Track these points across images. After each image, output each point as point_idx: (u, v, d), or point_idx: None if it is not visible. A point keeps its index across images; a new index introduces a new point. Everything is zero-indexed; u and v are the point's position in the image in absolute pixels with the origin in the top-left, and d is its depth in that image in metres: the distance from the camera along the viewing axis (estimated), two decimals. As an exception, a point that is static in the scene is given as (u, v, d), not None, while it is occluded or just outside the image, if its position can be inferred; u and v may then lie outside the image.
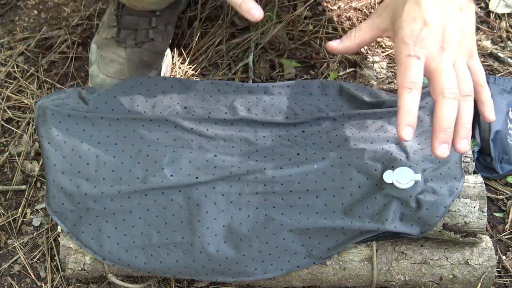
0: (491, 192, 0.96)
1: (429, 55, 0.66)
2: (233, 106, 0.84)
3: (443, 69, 0.65)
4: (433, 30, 0.66)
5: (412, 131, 0.65)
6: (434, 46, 0.66)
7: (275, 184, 0.77)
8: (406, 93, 0.65)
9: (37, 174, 0.99)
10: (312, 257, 0.77)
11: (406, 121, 0.64)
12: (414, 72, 0.65)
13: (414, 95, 0.65)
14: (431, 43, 0.66)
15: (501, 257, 0.90)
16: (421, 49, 0.66)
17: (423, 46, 0.66)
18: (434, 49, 0.66)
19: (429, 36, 0.66)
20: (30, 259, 0.91)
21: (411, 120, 0.64)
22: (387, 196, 0.75)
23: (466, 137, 0.66)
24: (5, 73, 1.11)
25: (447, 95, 0.64)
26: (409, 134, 0.64)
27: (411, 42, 0.66)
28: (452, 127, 0.65)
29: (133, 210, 0.78)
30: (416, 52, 0.66)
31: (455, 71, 0.66)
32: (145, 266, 0.78)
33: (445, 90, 0.65)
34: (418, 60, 0.66)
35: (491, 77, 1.00)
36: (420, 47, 0.66)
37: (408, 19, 0.67)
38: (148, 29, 1.02)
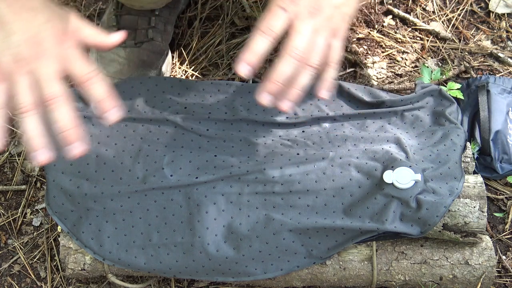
0: (491, 192, 0.96)
1: (297, 14, 0.67)
2: (233, 106, 0.84)
3: (300, 31, 0.66)
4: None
5: (251, 70, 0.65)
6: (304, 9, 0.67)
7: (275, 184, 0.77)
8: (259, 35, 0.66)
9: (37, 174, 0.99)
10: (312, 257, 0.77)
11: (246, 58, 0.65)
12: (275, 21, 0.66)
13: (265, 40, 0.66)
14: (302, 4, 0.67)
15: (501, 257, 0.90)
16: (292, 5, 0.67)
17: (295, 3, 0.67)
18: (304, 11, 0.67)
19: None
20: (30, 259, 0.91)
21: (252, 60, 0.65)
22: (387, 196, 0.75)
23: (292, 99, 0.67)
24: (5, 73, 1.11)
25: (292, 55, 0.65)
26: (246, 71, 0.65)
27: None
28: (283, 83, 0.66)
29: (133, 210, 0.78)
30: (286, 6, 0.67)
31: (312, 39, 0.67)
32: (145, 266, 0.78)
33: (293, 50, 0.66)
34: (285, 13, 0.67)
35: (491, 77, 1.00)
36: (292, 3, 0.67)
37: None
38: (147, 28, 1.02)
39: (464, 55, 1.11)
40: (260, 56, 0.66)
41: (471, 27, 1.15)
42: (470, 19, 1.16)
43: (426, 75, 1.00)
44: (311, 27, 0.67)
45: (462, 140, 0.82)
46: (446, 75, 1.06)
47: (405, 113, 0.85)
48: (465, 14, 1.16)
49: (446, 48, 1.12)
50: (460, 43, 1.13)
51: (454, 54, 1.11)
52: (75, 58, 0.63)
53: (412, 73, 1.08)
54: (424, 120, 0.85)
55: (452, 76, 1.07)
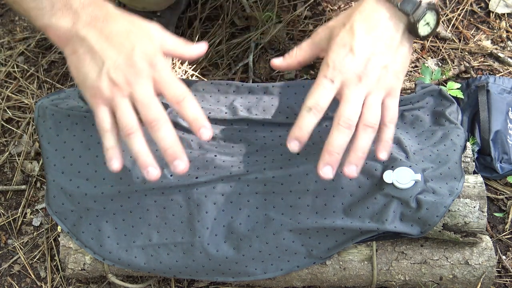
0: (491, 192, 0.96)
1: (344, 82, 0.68)
2: (233, 106, 0.84)
3: (349, 99, 0.67)
4: (357, 60, 0.68)
5: (300, 145, 0.68)
6: (352, 75, 0.68)
7: (275, 184, 0.77)
8: (305, 111, 0.68)
9: (37, 174, 0.99)
10: (312, 257, 0.77)
11: (295, 134, 0.68)
12: (321, 95, 0.68)
13: (312, 116, 0.68)
14: (350, 71, 0.68)
15: (501, 257, 0.90)
16: (339, 74, 0.68)
17: (341, 72, 0.68)
18: (352, 78, 0.68)
19: (350, 64, 0.68)
20: (30, 259, 0.91)
21: (301, 136, 0.68)
22: (387, 196, 0.75)
23: (355, 163, 0.68)
24: (5, 73, 1.11)
25: (341, 123, 0.67)
26: (296, 147, 0.68)
27: (331, 65, 0.68)
28: (339, 152, 0.67)
29: (133, 210, 0.78)
30: (332, 76, 0.68)
31: (365, 103, 0.68)
32: (145, 266, 0.78)
33: (341, 118, 0.67)
34: (331, 84, 0.68)
35: (491, 77, 1.00)
36: (339, 72, 0.68)
37: (339, 43, 0.69)
38: (148, 29, 1.02)
39: (464, 55, 1.11)
40: (309, 132, 0.68)
41: (471, 27, 1.15)
42: (470, 19, 1.16)
43: (426, 75, 1.00)
44: (362, 92, 0.68)
45: (462, 140, 0.82)
46: (446, 75, 1.06)
47: (405, 113, 0.85)
48: (465, 14, 1.16)
49: (446, 48, 1.12)
50: (460, 43, 1.13)
51: (454, 54, 1.11)
52: (168, 79, 0.66)
53: (412, 73, 1.09)
54: (424, 120, 0.85)
55: (452, 76, 1.07)
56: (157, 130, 0.65)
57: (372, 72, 0.68)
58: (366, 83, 0.68)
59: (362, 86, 0.68)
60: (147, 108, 0.65)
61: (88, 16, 0.65)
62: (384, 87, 0.69)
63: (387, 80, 0.69)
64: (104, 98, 0.65)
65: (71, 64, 0.67)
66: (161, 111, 0.65)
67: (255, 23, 1.12)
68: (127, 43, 0.65)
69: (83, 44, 0.65)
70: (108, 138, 0.66)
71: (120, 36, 0.66)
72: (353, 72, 0.68)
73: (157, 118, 0.65)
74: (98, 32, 0.65)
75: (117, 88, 0.65)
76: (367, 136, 0.68)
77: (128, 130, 0.65)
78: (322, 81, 0.68)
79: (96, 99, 0.66)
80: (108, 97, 0.65)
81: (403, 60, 0.71)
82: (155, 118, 0.65)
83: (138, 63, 0.65)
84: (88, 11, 0.65)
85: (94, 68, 0.65)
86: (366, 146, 0.68)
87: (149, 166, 0.66)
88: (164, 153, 0.66)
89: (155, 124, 0.65)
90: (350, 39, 0.69)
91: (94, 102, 0.66)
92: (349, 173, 0.68)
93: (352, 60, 0.68)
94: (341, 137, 0.67)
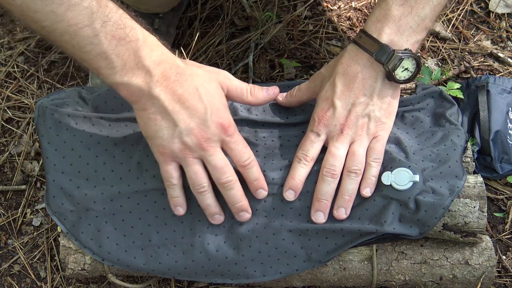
0: (491, 192, 0.96)
1: (329, 134, 0.76)
2: (233, 106, 0.84)
3: (331, 151, 0.75)
4: (337, 113, 0.75)
5: (295, 194, 0.76)
6: (334, 128, 0.75)
7: (275, 185, 0.77)
8: (296, 162, 0.76)
9: (37, 174, 0.99)
10: (311, 261, 0.77)
11: (289, 184, 0.76)
12: (309, 146, 0.76)
13: (302, 166, 0.76)
14: (332, 124, 0.75)
15: (501, 257, 0.90)
16: (323, 127, 0.76)
17: (325, 126, 0.76)
18: (334, 130, 0.75)
19: (332, 118, 0.75)
20: (30, 259, 0.91)
21: (294, 185, 0.75)
22: (385, 197, 0.75)
23: (343, 206, 0.75)
24: (5, 73, 1.11)
25: (325, 173, 0.75)
26: (291, 196, 0.76)
27: (316, 119, 0.76)
28: (328, 199, 0.75)
29: (132, 211, 0.78)
30: (317, 130, 0.76)
31: (349, 151, 0.75)
32: (145, 266, 0.77)
33: (324, 169, 0.75)
34: (318, 137, 0.76)
35: (491, 77, 1.00)
36: (323, 126, 0.76)
37: (322, 97, 0.77)
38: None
39: (464, 55, 1.11)
40: (302, 181, 0.76)
41: (471, 27, 1.15)
42: (470, 19, 1.16)
43: (426, 75, 1.00)
44: (345, 142, 0.75)
45: (462, 140, 0.82)
46: (446, 75, 1.06)
47: (405, 114, 0.85)
48: (465, 14, 1.16)
49: (446, 48, 1.12)
50: (460, 43, 1.13)
51: (454, 54, 1.11)
52: (237, 146, 0.72)
53: (412, 73, 1.08)
54: (424, 121, 0.85)
55: (452, 76, 1.07)
56: (229, 190, 0.72)
57: (353, 123, 0.75)
58: (349, 134, 0.75)
59: (344, 137, 0.75)
60: (221, 173, 0.71)
61: (160, 75, 0.67)
62: (368, 134, 0.76)
63: (370, 127, 0.76)
64: (174, 157, 0.70)
65: (140, 119, 0.70)
66: (233, 174, 0.72)
67: (255, 23, 1.12)
68: (200, 106, 0.68)
69: (155, 103, 0.67)
70: (175, 190, 0.74)
71: (192, 98, 0.68)
72: (335, 125, 0.75)
73: (230, 181, 0.72)
74: (171, 93, 0.67)
75: (189, 151, 0.69)
76: (351, 180, 0.74)
77: (200, 189, 0.72)
78: (309, 135, 0.77)
79: (165, 157, 0.71)
80: (179, 157, 0.70)
81: (387, 106, 0.76)
82: (228, 181, 0.72)
83: (211, 128, 0.69)
84: (159, 70, 0.67)
85: (166, 129, 0.68)
86: (351, 190, 0.74)
87: (216, 215, 0.75)
88: (232, 206, 0.74)
89: (227, 185, 0.72)
90: (332, 94, 0.75)
91: (163, 159, 0.71)
92: (339, 215, 0.75)
93: (333, 114, 0.75)
94: (326, 185, 0.74)
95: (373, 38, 0.74)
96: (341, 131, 0.75)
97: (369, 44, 0.74)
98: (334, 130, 0.75)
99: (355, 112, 0.74)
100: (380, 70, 0.74)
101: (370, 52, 0.74)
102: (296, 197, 0.76)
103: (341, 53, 0.78)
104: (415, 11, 0.73)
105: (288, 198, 0.75)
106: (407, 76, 0.75)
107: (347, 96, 0.75)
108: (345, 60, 0.76)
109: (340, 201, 0.75)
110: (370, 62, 0.74)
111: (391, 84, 0.76)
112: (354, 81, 0.75)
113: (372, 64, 0.74)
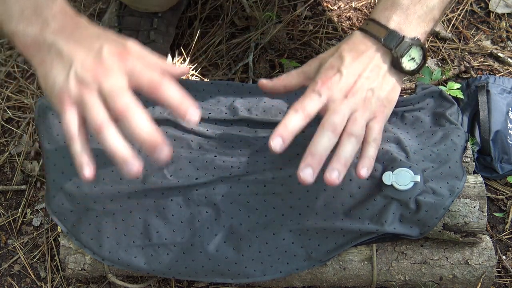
0: (491, 192, 0.96)
1: (330, 98, 0.69)
2: (233, 107, 0.84)
3: (335, 110, 0.68)
4: (344, 79, 0.69)
5: (283, 144, 0.66)
6: (338, 92, 0.69)
7: (275, 185, 0.77)
8: (293, 112, 0.68)
9: (37, 174, 0.99)
10: (311, 260, 0.77)
11: (279, 131, 0.66)
12: (309, 101, 0.68)
13: (298, 116, 0.67)
14: (337, 89, 0.69)
15: (501, 257, 0.90)
16: (326, 89, 0.69)
17: (329, 88, 0.69)
18: (338, 95, 0.69)
19: (338, 82, 0.69)
20: (30, 259, 0.91)
21: (285, 134, 0.66)
22: (386, 197, 0.75)
23: (337, 169, 0.66)
24: (5, 73, 1.11)
25: (326, 127, 0.67)
26: (278, 145, 0.66)
27: (320, 82, 0.70)
28: (322, 155, 0.66)
29: (132, 210, 0.78)
30: (319, 90, 0.69)
31: (350, 117, 0.69)
32: (145, 266, 0.78)
33: (326, 123, 0.67)
34: (318, 97, 0.69)
35: (491, 77, 1.00)
36: (326, 88, 0.69)
37: (327, 67, 0.71)
38: (149, 30, 1.02)
39: (464, 55, 1.11)
40: (292, 132, 0.67)
41: (471, 27, 1.15)
42: (470, 19, 1.16)
43: (426, 75, 1.00)
44: (347, 108, 0.69)
45: (462, 140, 0.82)
46: (446, 75, 1.06)
47: (405, 114, 0.85)
48: (465, 14, 1.16)
49: (446, 48, 1.12)
50: (460, 43, 1.13)
51: (454, 54, 1.11)
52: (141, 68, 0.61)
53: (412, 73, 1.08)
54: (425, 121, 0.85)
55: (452, 76, 1.07)
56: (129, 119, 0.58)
57: (358, 92, 0.69)
58: (352, 101, 0.69)
59: (347, 103, 0.69)
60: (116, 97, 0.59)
61: (57, 24, 0.62)
62: (369, 109, 0.70)
63: (372, 102, 0.70)
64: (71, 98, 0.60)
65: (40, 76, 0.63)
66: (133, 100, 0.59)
67: (255, 23, 1.12)
68: (96, 44, 0.62)
69: (51, 50, 0.61)
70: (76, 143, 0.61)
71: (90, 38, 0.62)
72: (340, 90, 0.69)
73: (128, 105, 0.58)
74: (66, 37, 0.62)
75: (85, 86, 0.60)
76: (350, 144, 0.67)
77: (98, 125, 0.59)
78: (309, 93, 0.69)
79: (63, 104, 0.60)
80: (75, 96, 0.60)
81: (390, 90, 0.72)
82: (125, 105, 0.58)
83: (107, 60, 0.61)
84: (58, 19, 0.62)
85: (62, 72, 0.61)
86: (349, 155, 0.67)
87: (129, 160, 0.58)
88: (142, 145, 0.58)
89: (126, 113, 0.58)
90: (339, 63, 0.71)
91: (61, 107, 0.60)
92: (330, 178, 0.66)
93: (339, 78, 0.69)
94: (325, 139, 0.66)
95: (381, 24, 0.71)
96: (345, 96, 0.69)
97: (377, 30, 0.71)
98: (337, 95, 0.69)
99: (361, 82, 0.70)
100: (388, 56, 0.72)
101: (378, 37, 0.71)
102: (282, 149, 0.66)
103: (345, 39, 0.75)
104: (423, 0, 0.71)
105: (274, 146, 0.66)
106: (412, 67, 0.73)
107: (355, 67, 0.70)
108: (353, 41, 0.73)
109: (335, 163, 0.66)
110: (378, 47, 0.72)
111: (396, 72, 0.73)
112: (362, 56, 0.71)
113: (379, 49, 0.72)
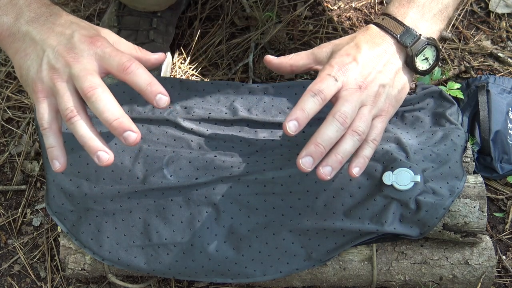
0: (491, 192, 0.96)
1: (345, 84, 0.67)
2: (233, 107, 0.84)
3: (347, 99, 0.66)
4: (360, 68, 0.68)
5: (297, 127, 0.64)
6: (353, 81, 0.67)
7: (275, 185, 0.77)
8: (309, 95, 0.65)
9: (37, 174, 0.99)
10: (311, 260, 0.77)
11: (295, 115, 0.64)
12: (326, 85, 0.66)
13: (315, 100, 0.65)
14: (352, 76, 0.67)
15: (501, 257, 0.90)
16: (342, 75, 0.67)
17: (345, 74, 0.67)
18: (352, 83, 0.67)
19: (354, 70, 0.68)
20: (30, 259, 0.91)
21: (301, 117, 0.64)
22: (386, 197, 0.75)
23: (331, 165, 0.65)
24: (5, 73, 1.11)
25: (337, 118, 0.65)
26: (294, 127, 0.64)
27: (336, 66, 0.67)
28: (326, 147, 0.64)
29: (132, 210, 0.78)
30: (336, 75, 0.67)
31: (358, 112, 0.67)
32: (145, 266, 0.78)
33: (337, 113, 0.65)
34: (335, 82, 0.66)
35: (491, 77, 1.00)
36: (342, 73, 0.67)
37: (342, 53, 0.69)
38: (148, 30, 1.02)
39: (464, 55, 1.11)
40: (309, 116, 0.65)
41: (471, 27, 1.15)
42: (470, 19, 1.16)
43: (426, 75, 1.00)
44: (358, 100, 0.67)
45: (462, 140, 0.82)
46: (446, 75, 1.06)
47: (405, 114, 0.85)
48: (465, 14, 1.16)
49: (446, 48, 1.12)
50: (460, 43, 1.13)
51: (454, 54, 1.11)
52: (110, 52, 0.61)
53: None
54: (425, 121, 0.85)
55: (452, 76, 1.07)
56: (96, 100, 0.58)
57: (370, 86, 0.68)
58: (363, 94, 0.67)
59: (360, 95, 0.67)
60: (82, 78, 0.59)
61: (32, 13, 0.63)
62: (377, 105, 0.69)
63: (381, 99, 0.69)
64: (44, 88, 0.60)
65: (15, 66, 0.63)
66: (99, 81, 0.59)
67: (255, 23, 1.12)
68: (68, 31, 0.62)
69: (25, 39, 0.62)
70: (48, 136, 0.61)
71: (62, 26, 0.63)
72: (354, 79, 0.67)
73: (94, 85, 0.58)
74: (40, 26, 0.62)
75: (57, 73, 0.60)
76: (351, 141, 0.66)
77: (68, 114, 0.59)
78: (326, 77, 0.67)
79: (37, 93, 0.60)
80: (48, 85, 0.60)
81: (400, 89, 0.72)
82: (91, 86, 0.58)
83: (77, 45, 0.61)
84: (32, 8, 0.63)
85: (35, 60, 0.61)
86: (348, 151, 0.66)
87: (99, 151, 0.60)
88: (110, 127, 0.59)
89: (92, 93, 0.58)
90: (355, 52, 0.69)
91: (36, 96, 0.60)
92: (323, 173, 0.65)
93: (355, 67, 0.68)
94: (332, 130, 0.64)
95: (398, 20, 0.71)
96: (358, 87, 0.67)
97: (393, 26, 0.71)
98: (351, 83, 0.67)
99: (374, 76, 0.68)
100: (402, 53, 0.71)
101: (394, 34, 0.70)
102: (296, 132, 0.64)
103: (360, 30, 0.73)
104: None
105: (290, 129, 0.64)
106: (425, 67, 0.72)
107: (371, 58, 0.69)
108: (368, 33, 0.72)
109: (331, 159, 0.65)
110: (393, 42, 0.71)
111: (408, 71, 0.72)
112: (378, 48, 0.70)
113: (395, 45, 0.71)
